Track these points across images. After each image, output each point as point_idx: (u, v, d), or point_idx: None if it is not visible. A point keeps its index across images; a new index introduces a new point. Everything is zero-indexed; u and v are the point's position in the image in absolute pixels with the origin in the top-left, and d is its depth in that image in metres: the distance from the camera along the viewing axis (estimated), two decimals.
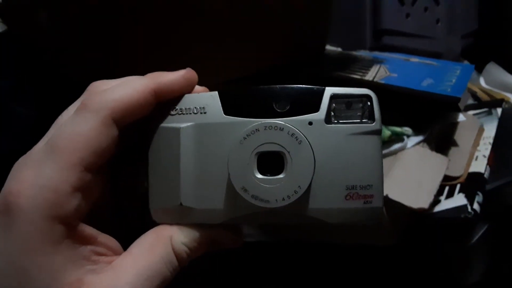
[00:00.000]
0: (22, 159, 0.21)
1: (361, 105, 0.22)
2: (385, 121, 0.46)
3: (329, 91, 0.22)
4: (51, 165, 0.20)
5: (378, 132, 0.22)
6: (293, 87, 0.22)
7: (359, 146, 0.22)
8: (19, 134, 0.42)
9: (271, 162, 0.21)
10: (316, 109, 0.22)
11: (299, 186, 0.21)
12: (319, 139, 0.22)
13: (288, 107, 0.22)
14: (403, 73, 0.49)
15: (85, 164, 0.20)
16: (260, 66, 0.47)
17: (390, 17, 0.60)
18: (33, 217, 0.19)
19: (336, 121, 0.22)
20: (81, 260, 0.20)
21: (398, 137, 0.45)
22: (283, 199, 0.21)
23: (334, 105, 0.22)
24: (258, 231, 0.43)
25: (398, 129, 0.45)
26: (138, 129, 0.23)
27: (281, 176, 0.21)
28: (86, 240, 0.21)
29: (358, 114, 0.22)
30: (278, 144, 0.21)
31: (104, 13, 0.37)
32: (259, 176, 0.21)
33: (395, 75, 0.48)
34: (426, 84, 0.46)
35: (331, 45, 0.59)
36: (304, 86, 0.22)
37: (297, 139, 0.21)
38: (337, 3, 0.51)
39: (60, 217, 0.20)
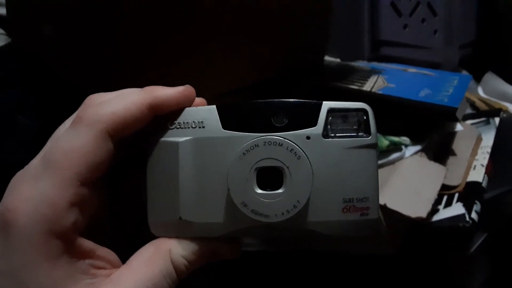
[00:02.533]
0: (19, 174, 0.21)
1: (357, 119, 0.23)
2: (384, 131, 0.47)
3: (326, 105, 0.23)
4: (47, 180, 0.20)
5: (374, 146, 0.23)
6: (291, 102, 0.23)
7: (355, 159, 0.22)
8: (23, 144, 0.42)
9: (270, 177, 0.22)
10: (313, 123, 0.22)
11: (298, 200, 0.21)
12: (317, 153, 0.22)
13: (286, 121, 0.22)
14: (401, 84, 0.49)
15: (81, 179, 0.20)
16: (260, 77, 0.47)
17: (388, 28, 0.61)
18: (31, 233, 0.19)
19: (333, 135, 0.22)
20: (80, 274, 0.20)
21: (396, 147, 0.46)
22: (283, 214, 0.21)
23: (330, 118, 0.22)
24: (258, 241, 0.43)
25: (396, 138, 0.46)
26: (137, 141, 0.23)
27: (280, 191, 0.22)
28: (84, 254, 0.21)
29: (354, 127, 0.23)
30: (278, 160, 0.22)
31: (106, 25, 0.38)
32: (259, 191, 0.22)
33: (393, 85, 0.49)
34: (423, 94, 0.47)
35: (330, 56, 0.59)
36: (301, 100, 0.23)
37: (296, 155, 0.22)
38: (335, 15, 0.51)
39: (58, 232, 0.20)
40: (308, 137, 0.22)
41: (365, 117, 0.23)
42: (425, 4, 0.63)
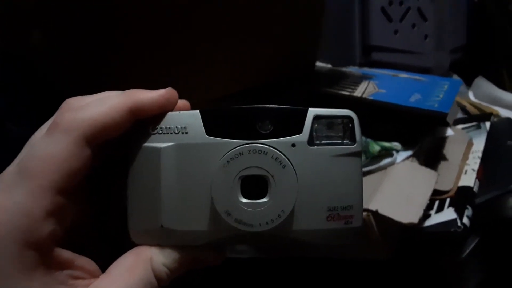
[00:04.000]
0: None
1: (342, 126, 0.22)
2: (375, 136, 0.47)
3: (312, 112, 0.22)
4: (22, 189, 0.19)
5: (358, 154, 0.22)
6: (276, 108, 0.22)
7: (340, 168, 0.22)
8: (11, 151, 0.42)
9: (254, 185, 0.21)
10: (299, 130, 0.22)
11: (282, 210, 0.21)
12: (302, 161, 0.22)
13: (271, 128, 0.22)
14: (392, 89, 0.50)
15: (57, 187, 0.20)
16: (251, 83, 0.47)
17: (378, 34, 0.61)
18: (5, 244, 0.19)
19: (318, 142, 0.22)
20: (57, 285, 0.20)
21: (387, 152, 0.46)
22: (267, 223, 0.21)
23: (316, 125, 0.22)
24: (249, 248, 0.43)
25: (387, 144, 0.46)
26: (118, 146, 0.22)
27: (264, 200, 0.21)
28: (62, 265, 0.20)
29: (340, 135, 0.22)
30: (262, 168, 0.21)
31: (101, 31, 0.38)
32: (243, 200, 0.21)
33: (384, 91, 0.49)
34: (414, 99, 0.47)
35: (321, 61, 0.59)
36: (287, 107, 0.22)
37: (281, 163, 0.21)
38: (326, 21, 0.52)
39: (33, 243, 0.19)
40: (293, 145, 0.22)
41: (350, 125, 0.22)
42: (415, 9, 0.63)
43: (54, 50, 0.42)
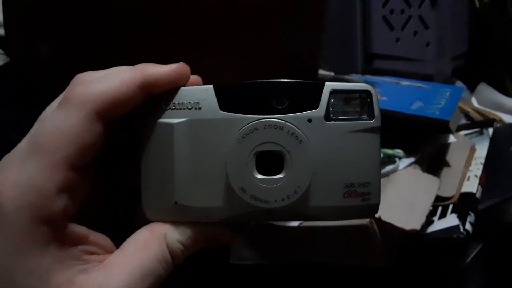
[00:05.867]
0: (5, 159, 0.20)
1: (360, 100, 0.22)
2: None
3: (328, 86, 0.21)
4: (34, 164, 0.19)
5: (377, 130, 0.22)
6: (292, 82, 0.22)
7: (358, 143, 0.21)
8: None
9: (270, 161, 0.21)
10: (315, 105, 0.21)
11: (299, 186, 0.21)
12: (318, 137, 0.21)
13: (287, 103, 0.21)
14: (393, 97, 0.50)
15: (70, 162, 0.19)
16: None
17: (380, 42, 0.62)
18: (17, 219, 0.18)
19: (335, 118, 0.21)
20: (71, 260, 0.20)
21: (390, 159, 0.46)
22: (283, 199, 0.21)
23: (333, 100, 0.21)
24: (253, 254, 0.43)
25: (389, 151, 0.46)
26: (130, 122, 0.22)
27: (280, 176, 0.21)
28: (76, 240, 0.20)
29: (357, 110, 0.22)
30: (278, 144, 0.21)
31: (102, 46, 0.39)
32: (258, 176, 0.21)
33: (385, 98, 0.50)
34: (415, 107, 0.47)
35: (323, 69, 0.60)
36: (303, 81, 0.22)
37: (297, 139, 0.21)
38: (329, 29, 0.52)
39: (46, 218, 0.19)
40: (309, 120, 0.21)
41: (368, 99, 0.22)
42: (416, 17, 0.64)
43: (57, 64, 0.42)
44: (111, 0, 0.37)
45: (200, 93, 0.22)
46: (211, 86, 0.22)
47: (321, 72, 0.59)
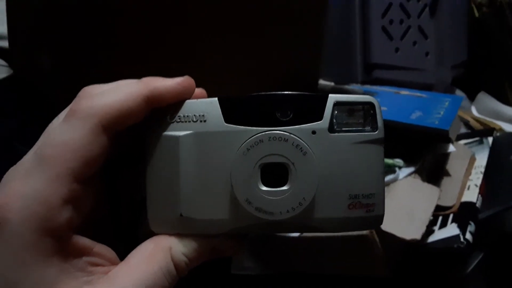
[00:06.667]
0: (11, 170, 0.20)
1: (363, 112, 0.22)
2: None
3: (332, 98, 0.22)
4: (39, 176, 0.19)
5: (380, 141, 0.22)
6: (296, 94, 0.22)
7: (362, 155, 0.22)
8: None
9: (275, 173, 0.21)
10: (319, 117, 0.22)
11: (303, 198, 0.21)
12: (323, 149, 0.21)
13: (291, 115, 0.21)
14: (393, 106, 0.50)
15: (75, 175, 0.19)
16: None
17: (379, 52, 0.62)
18: (22, 231, 0.19)
19: (339, 129, 0.22)
20: (76, 271, 0.20)
21: (390, 169, 0.46)
22: (288, 211, 0.21)
23: (336, 112, 0.22)
24: (252, 264, 0.43)
25: (389, 160, 0.46)
26: (135, 135, 0.22)
27: (285, 187, 0.21)
28: (80, 252, 0.20)
29: (360, 121, 0.22)
30: (283, 156, 0.21)
31: (104, 57, 0.39)
32: (263, 188, 0.21)
33: (385, 108, 0.50)
34: (415, 116, 0.47)
35: (324, 79, 0.60)
36: (306, 93, 0.22)
37: (301, 150, 0.21)
38: (329, 40, 0.53)
39: (50, 230, 0.19)
40: (313, 132, 0.21)
41: (371, 111, 0.22)
42: (415, 27, 0.64)
43: (60, 75, 0.43)
44: (114, 13, 0.38)
45: (205, 106, 0.22)
46: (216, 98, 0.22)
47: (322, 82, 0.60)
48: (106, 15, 0.38)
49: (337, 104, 0.22)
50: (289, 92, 0.22)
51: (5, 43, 0.50)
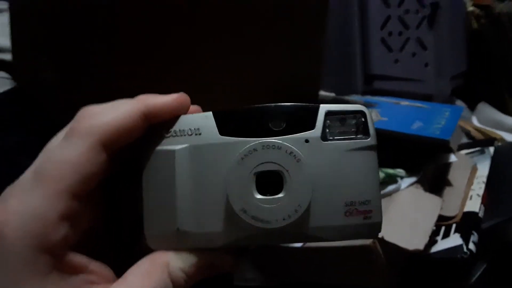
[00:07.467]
0: (9, 188, 0.20)
1: (355, 121, 0.22)
2: (379, 164, 0.48)
3: (323, 108, 0.22)
4: (37, 193, 0.19)
5: (373, 148, 0.22)
6: (288, 105, 0.22)
7: (355, 162, 0.22)
8: None
9: (270, 181, 0.21)
10: (311, 126, 0.22)
11: (299, 205, 0.21)
12: (316, 156, 0.22)
13: (284, 125, 0.22)
14: (394, 117, 0.51)
15: (72, 191, 0.20)
16: None
17: (379, 63, 0.63)
18: (19, 249, 0.19)
19: (331, 138, 0.22)
20: None
21: (391, 179, 0.46)
22: (284, 219, 0.21)
23: (328, 121, 0.22)
24: (254, 275, 0.43)
25: (391, 171, 0.46)
26: (132, 152, 0.22)
27: (280, 195, 0.21)
28: (76, 269, 0.20)
29: (353, 130, 0.22)
30: (277, 163, 0.21)
31: (107, 71, 0.40)
32: (258, 196, 0.21)
33: (386, 119, 0.50)
34: (415, 127, 0.48)
35: (324, 90, 0.61)
36: (298, 104, 0.22)
37: (295, 157, 0.21)
38: (329, 51, 0.53)
39: (47, 247, 0.19)
40: (306, 140, 0.22)
41: (363, 119, 0.22)
42: (414, 39, 0.65)
43: (62, 88, 0.43)
44: (115, 27, 0.38)
45: (200, 120, 0.22)
46: (210, 112, 0.22)
47: (322, 93, 0.60)
48: (108, 29, 0.38)
49: (328, 114, 0.22)
50: (281, 104, 0.22)
51: (7, 56, 0.51)
